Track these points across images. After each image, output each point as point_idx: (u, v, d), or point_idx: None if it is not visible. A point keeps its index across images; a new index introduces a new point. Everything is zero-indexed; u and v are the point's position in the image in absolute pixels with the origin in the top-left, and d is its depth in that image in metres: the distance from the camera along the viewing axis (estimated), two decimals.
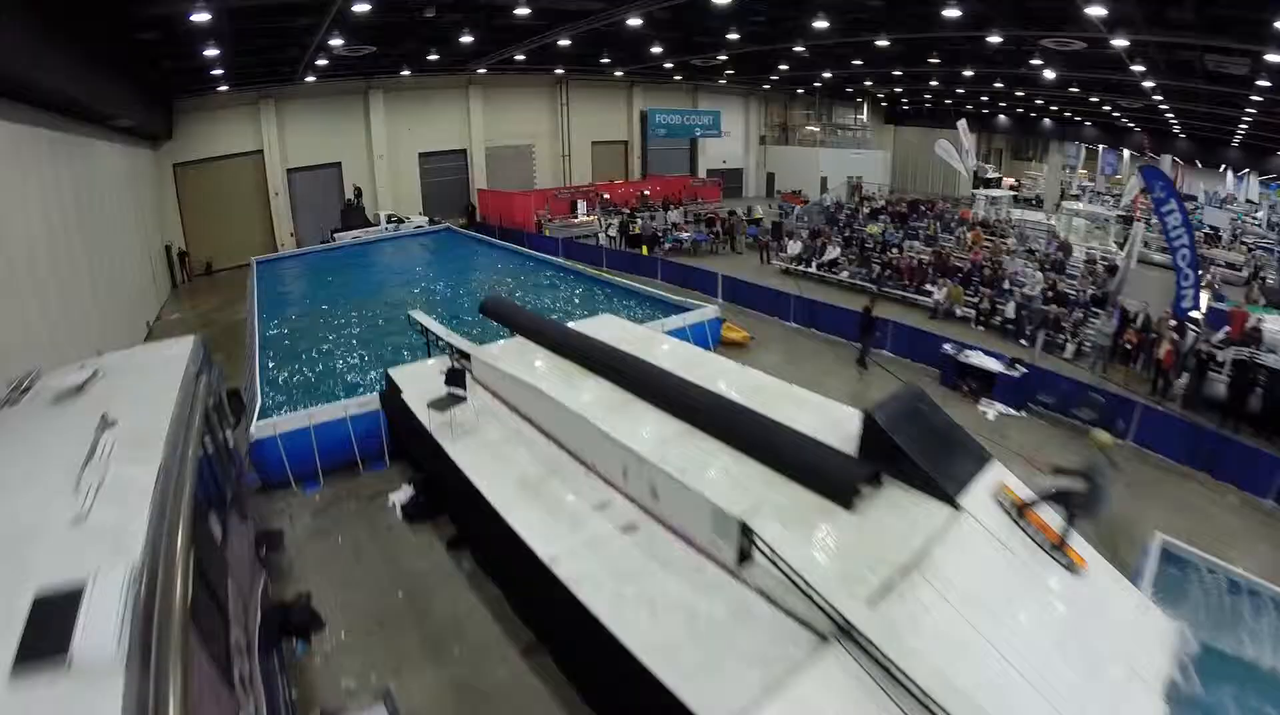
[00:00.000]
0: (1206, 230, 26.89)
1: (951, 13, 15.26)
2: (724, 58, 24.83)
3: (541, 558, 5.39)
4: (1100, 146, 45.84)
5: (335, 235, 24.40)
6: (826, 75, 30.21)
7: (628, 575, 5.20)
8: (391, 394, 8.77)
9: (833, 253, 19.05)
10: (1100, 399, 10.39)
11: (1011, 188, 51.05)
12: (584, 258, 20.89)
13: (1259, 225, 32.65)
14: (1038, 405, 11.09)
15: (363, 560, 7.56)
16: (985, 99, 36.80)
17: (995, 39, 17.39)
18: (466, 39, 18.92)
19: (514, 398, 7.72)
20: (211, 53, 14.69)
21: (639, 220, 23.23)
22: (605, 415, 6.57)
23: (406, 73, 24.36)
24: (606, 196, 27.61)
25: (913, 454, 5.15)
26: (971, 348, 12.01)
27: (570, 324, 10.31)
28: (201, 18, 11.50)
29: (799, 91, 39.44)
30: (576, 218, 25.41)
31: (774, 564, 4.55)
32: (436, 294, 17.23)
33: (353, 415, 8.91)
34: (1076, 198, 46.37)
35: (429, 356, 10.64)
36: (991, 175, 51.15)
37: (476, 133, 29.04)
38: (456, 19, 17.90)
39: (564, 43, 20.31)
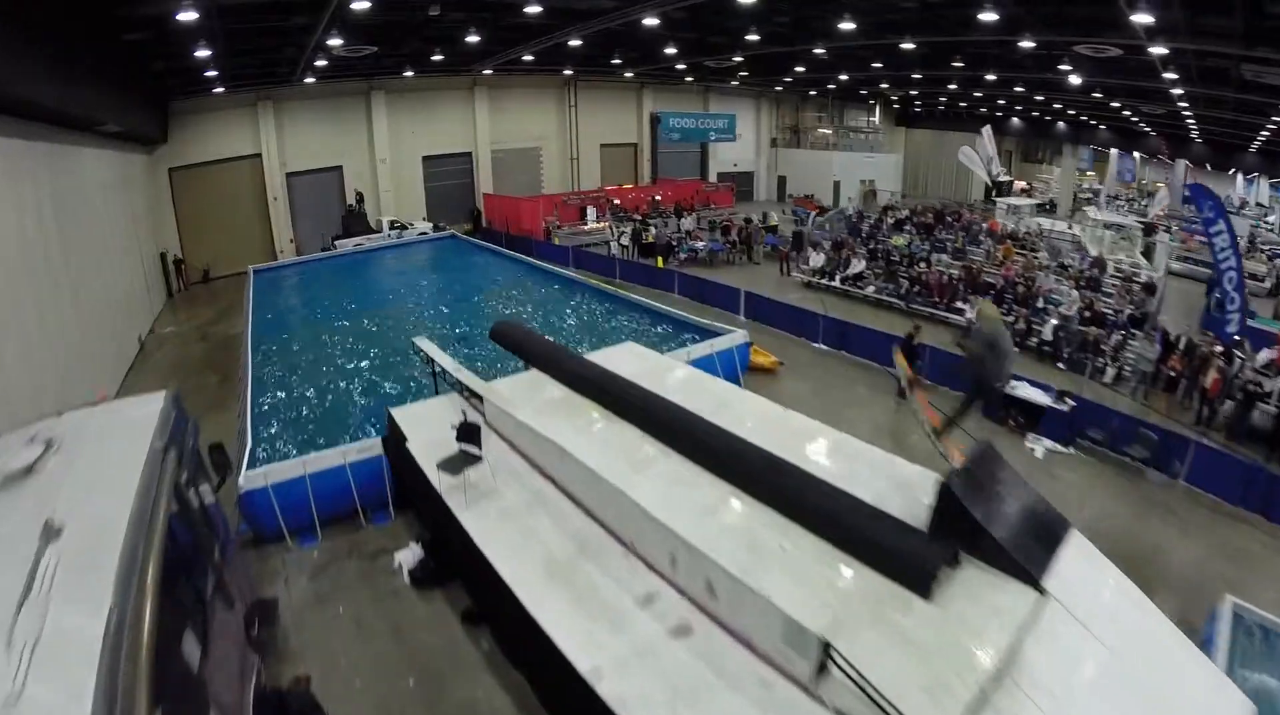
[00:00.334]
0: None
1: (989, 17, 14.43)
2: (739, 59, 23.91)
3: (581, 671, 4.52)
4: (1112, 150, 44.91)
5: (336, 243, 23.51)
6: (843, 77, 29.28)
7: (686, 695, 4.34)
8: (394, 439, 7.90)
9: (858, 266, 18.14)
10: (1153, 436, 9.71)
11: (1023, 191, 50.23)
12: (595, 268, 20.00)
13: (1272, 231, 31.85)
14: (1086, 440, 10.34)
15: (367, 636, 6.69)
16: (1002, 102, 35.90)
17: (1028, 44, 16.61)
18: (473, 39, 18.03)
19: (535, 453, 6.84)
20: (203, 53, 13.80)
21: (652, 228, 22.33)
22: (642, 478, 5.72)
23: (410, 73, 23.47)
24: (617, 202, 26.70)
25: (995, 532, 4.43)
26: (1018, 378, 11.14)
27: (590, 355, 9.43)
28: (189, 16, 10.61)
29: (811, 93, 38.54)
30: (586, 225, 24.51)
31: (855, 682, 3.80)
32: (442, 310, 16.32)
33: (352, 462, 8.03)
34: (1089, 201, 45.61)
35: (435, 388, 9.82)
36: (1003, 179, 50.33)
37: (482, 135, 28.13)
38: (462, 18, 17.03)
39: (575, 43, 19.42)
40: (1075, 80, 20.64)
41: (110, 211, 16.43)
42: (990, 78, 24.15)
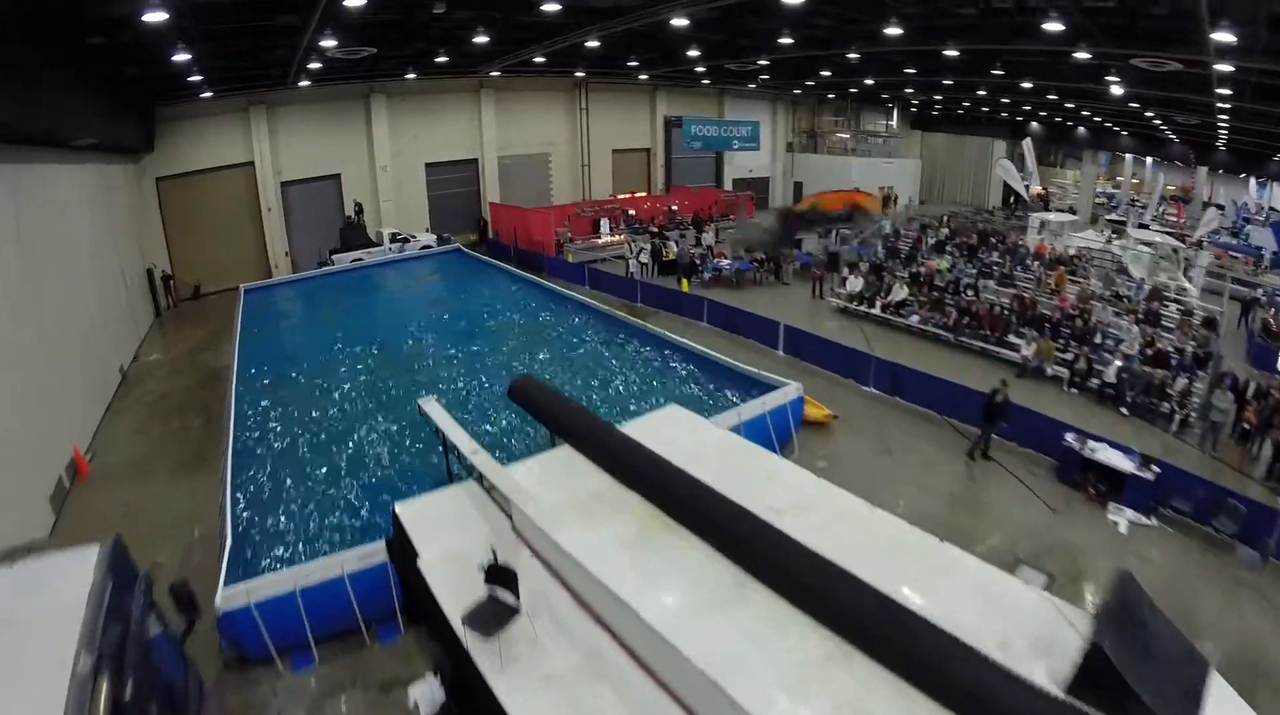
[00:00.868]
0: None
1: (1053, 26, 13.12)
2: (764, 62, 22.43)
3: None
4: (1148, 160, 43.61)
5: (333, 257, 22.03)
6: (869, 82, 27.81)
7: None
8: (402, 544, 6.50)
9: (900, 293, 16.71)
10: (1240, 507, 8.58)
11: (1040, 196, 48.73)
12: (612, 289, 18.56)
13: None
14: (1167, 508, 9.16)
15: None
16: (1027, 107, 34.56)
17: (1083, 55, 15.41)
18: (480, 39, 16.50)
19: (586, 592, 5.43)
20: (182, 57, 12.33)
21: (672, 245, 20.88)
22: (719, 627, 4.54)
23: (412, 75, 21.95)
24: (631, 212, 25.23)
25: (1147, 696, 3.63)
26: (1098, 439, 9.87)
27: (629, 426, 8.06)
28: (158, 17, 9.15)
29: (829, 96, 37.03)
30: (600, 239, 23.04)
31: None
32: (448, 348, 14.64)
33: (352, 572, 6.62)
34: (1104, 204, 44.16)
35: (447, 466, 8.43)
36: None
37: (489, 140, 26.62)
38: (470, 17, 15.54)
39: (592, 44, 17.91)
40: (1117, 91, 19.62)
41: (86, 230, 14.96)
42: (1026, 85, 23.00)
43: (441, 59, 19.09)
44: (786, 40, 17.75)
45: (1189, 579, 8.07)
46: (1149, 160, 46.33)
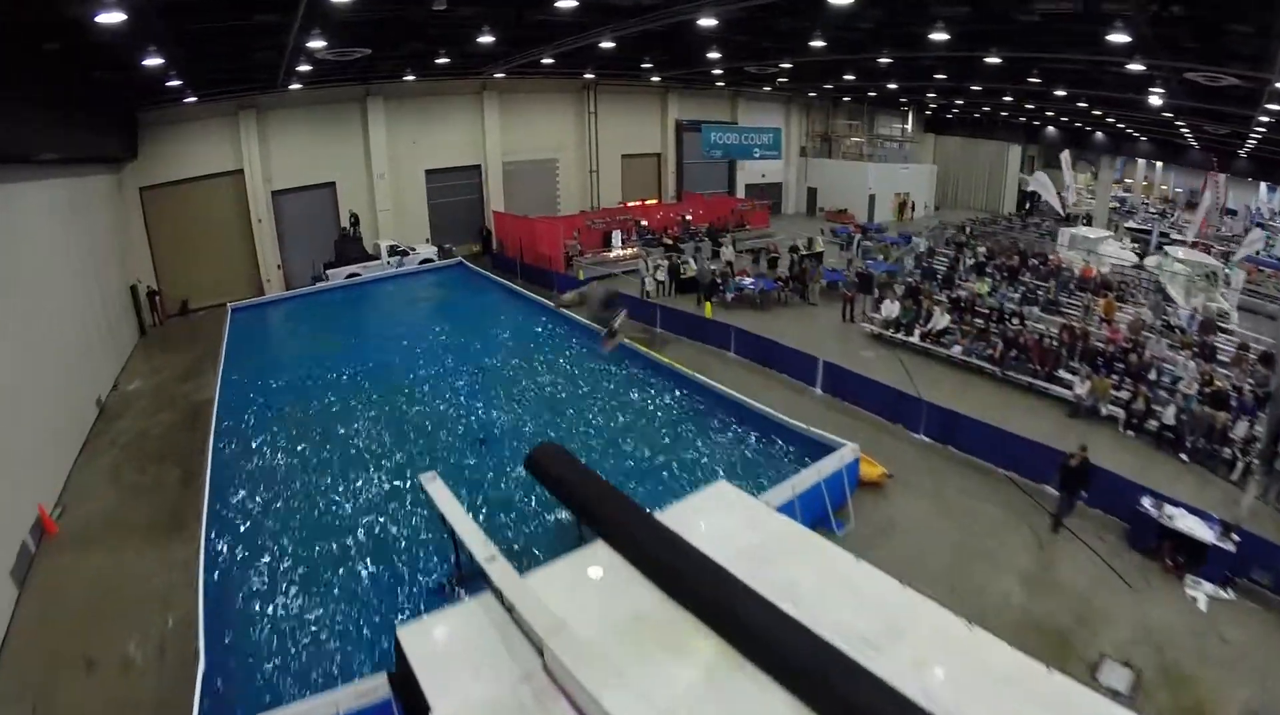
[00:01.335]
0: None
1: (1119, 38, 11.90)
2: (787, 65, 21.08)
3: None
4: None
5: (327, 272, 20.68)
6: (891, 86, 26.45)
7: None
8: (407, 681, 5.19)
9: (942, 321, 15.37)
10: None
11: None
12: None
13: None
14: (1245, 579, 8.16)
15: None
16: (1050, 113, 33.33)
17: (1137, 67, 14.25)
18: (485, 38, 15.10)
19: None
20: (154, 60, 10.94)
21: (690, 262, 19.55)
22: None
23: (411, 77, 20.57)
24: (644, 223, 23.86)
25: None
26: (1175, 504, 8.71)
27: (671, 512, 6.80)
28: (114, 18, 7.81)
29: (845, 99, 35.67)
30: (611, 253, 21.67)
31: None
32: (451, 391, 13.13)
33: (349, 712, 5.32)
34: (1119, 208, 42.82)
35: (456, 560, 7.14)
36: (1032, 188, 47.50)
37: (492, 145, 25.24)
38: (473, 14, 14.18)
39: (606, 45, 16.53)
40: (1156, 101, 18.51)
41: (60, 250, 13.63)
42: (1060, 93, 21.77)
43: (442, 60, 17.74)
44: (818, 43, 16.38)
45: (1274, 661, 7.17)
46: (1158, 164, 45.14)
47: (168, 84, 14.15)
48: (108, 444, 12.50)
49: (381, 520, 9.00)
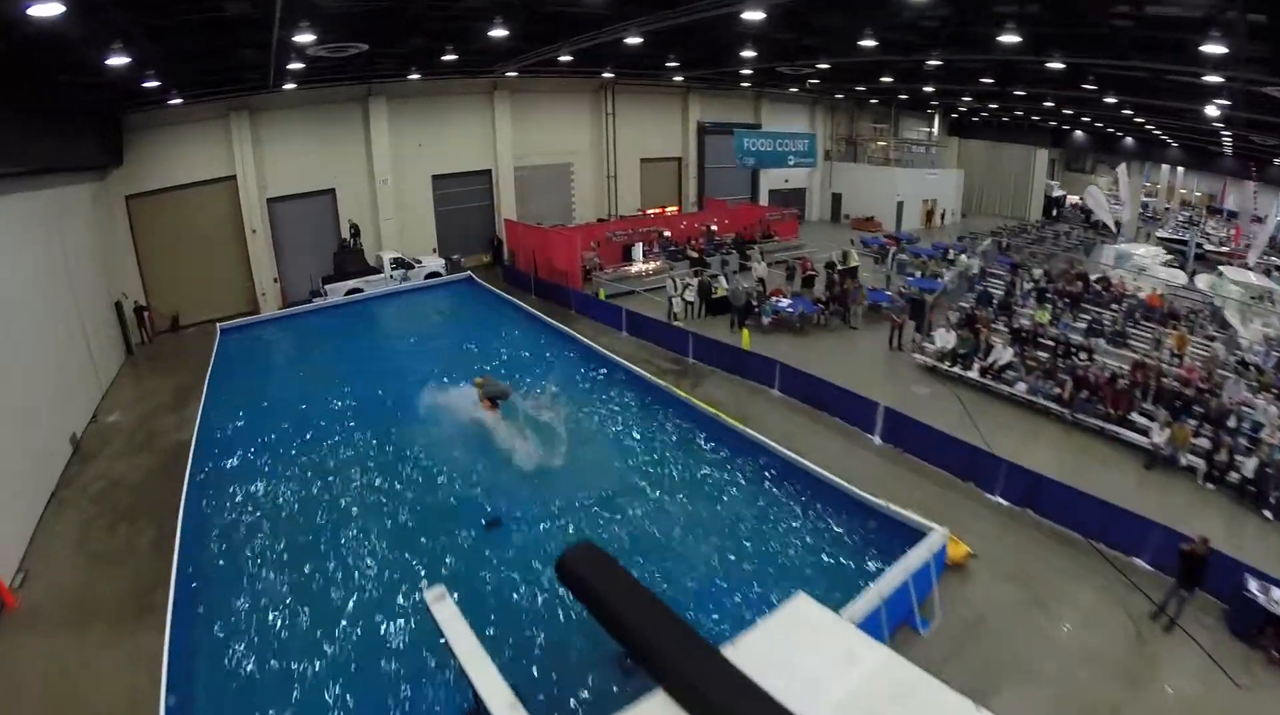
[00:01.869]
0: None
1: (1214, 49, 10.37)
2: (825, 65, 19.39)
3: None
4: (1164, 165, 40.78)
5: (325, 288, 19.13)
6: (928, 89, 24.67)
7: None
8: None
9: (1004, 355, 13.73)
10: None
11: (1078, 207, 45.54)
12: (658, 339, 15.50)
13: None
14: None
15: None
16: (1085, 118, 31.71)
17: (1214, 78, 13.11)
18: (498, 32, 13.50)
19: None
20: (118, 59, 9.37)
21: (722, 279, 17.90)
22: None
23: (415, 75, 18.97)
24: (667, 234, 22.21)
25: None
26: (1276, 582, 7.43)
27: (742, 645, 5.26)
28: (50, 10, 6.25)
29: (872, 101, 33.93)
30: (633, 267, 20.03)
31: None
32: (446, 450, 11.00)
33: None
34: (1143, 214, 40.84)
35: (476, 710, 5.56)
36: (1058, 193, 45.71)
37: (504, 149, 23.62)
38: (485, 6, 12.61)
39: (632, 40, 14.86)
40: (1213, 112, 17.26)
41: (27, 272, 12.10)
42: (1110, 99, 20.26)
43: (449, 56, 16.05)
44: (869, 43, 14.71)
45: None
46: (1179, 169, 43.36)
47: (144, 85, 12.63)
48: (79, 493, 11.07)
49: (377, 621, 7.42)
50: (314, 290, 19.49)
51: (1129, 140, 35.92)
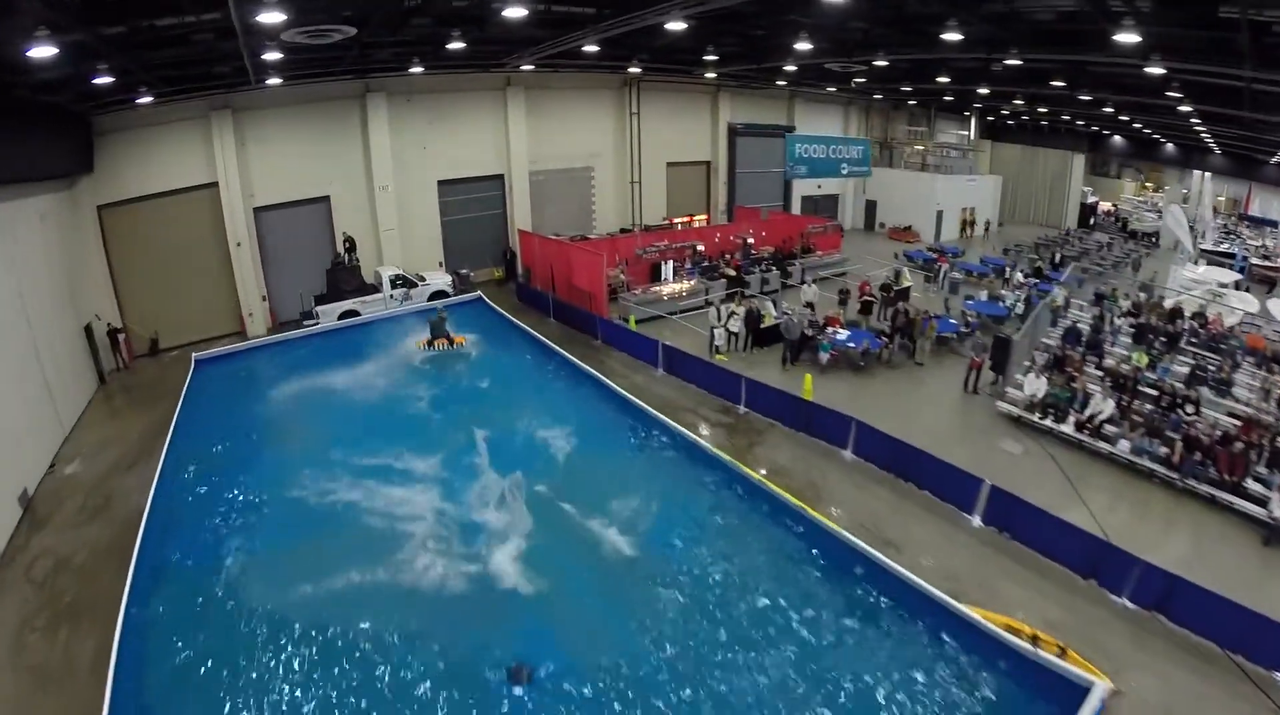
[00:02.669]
0: None
1: None
2: (883, 63, 17.09)
3: None
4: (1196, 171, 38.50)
5: (317, 310, 16.95)
6: (982, 90, 22.29)
7: None
8: None
9: (1105, 407, 11.56)
10: None
11: (1110, 213, 43.17)
12: (702, 381, 13.16)
13: None
14: None
15: None
16: (1132, 121, 29.46)
17: None
18: (514, 11, 11.21)
19: None
20: (44, 50, 7.22)
21: (770, 305, 15.65)
22: None
23: (419, 69, 16.72)
24: (701, 248, 19.93)
25: None
26: None
27: None
28: None
29: (911, 103, 31.60)
30: (663, 289, 17.75)
31: None
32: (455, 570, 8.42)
33: None
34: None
35: None
36: (1091, 200, 43.38)
37: (518, 151, 21.38)
38: None
39: (675, 26, 12.55)
40: None
41: None
42: (1185, 108, 18.49)
43: (456, 44, 13.73)
44: (953, 35, 12.46)
45: None
46: (1207, 174, 41.11)
47: (93, 81, 10.46)
48: (21, 574, 9.09)
49: None
50: (305, 312, 17.31)
51: (1169, 146, 34.05)
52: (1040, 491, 9.53)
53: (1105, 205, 44.57)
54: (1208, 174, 25.29)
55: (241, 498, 10.12)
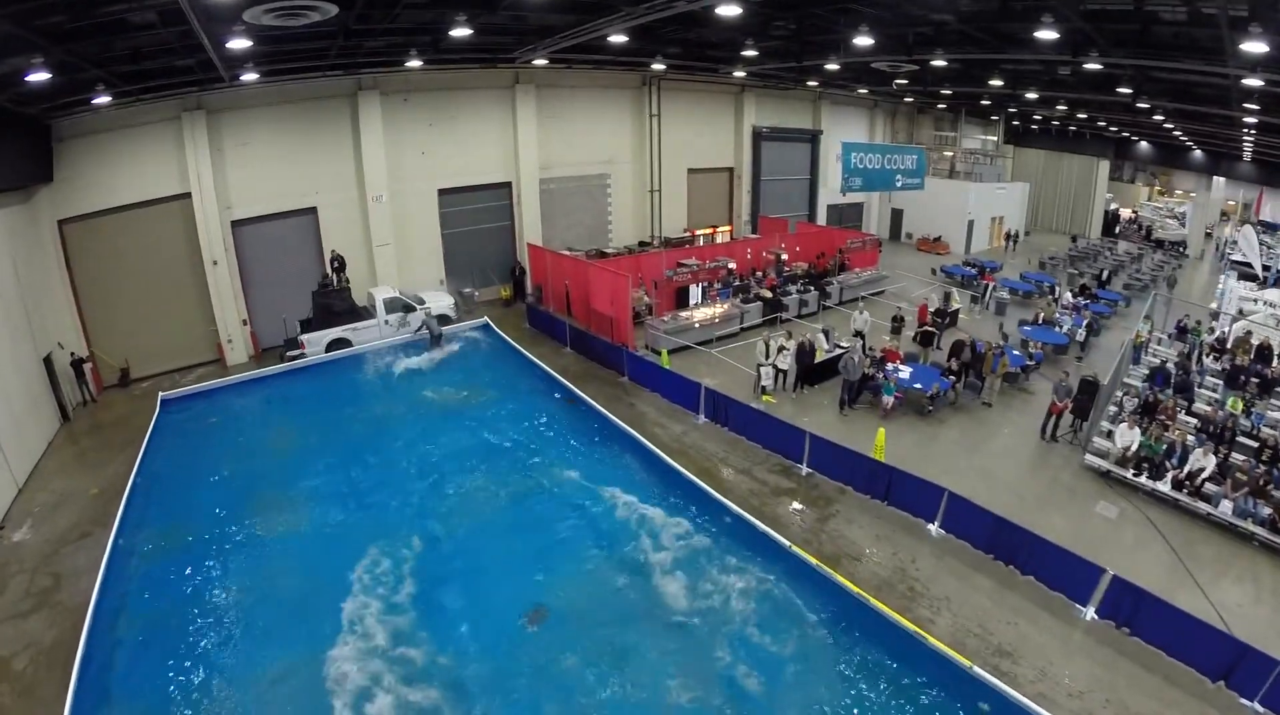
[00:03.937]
0: None
1: None
2: (943, 62, 15.28)
3: None
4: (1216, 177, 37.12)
5: (303, 338, 14.97)
6: (1031, 95, 20.49)
7: None
8: None
9: (1206, 463, 9.93)
10: None
11: (1132, 220, 41.66)
12: (754, 434, 11.08)
13: None
14: None
15: None
16: (1171, 126, 27.89)
17: None
18: None
19: None
20: None
21: (821, 337, 13.82)
22: None
23: (416, 63, 14.75)
24: (732, 266, 18.04)
25: None
26: None
27: None
28: None
29: (940, 107, 29.84)
30: (694, 316, 15.83)
31: None
32: None
33: None
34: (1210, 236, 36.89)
35: None
36: (1113, 207, 41.86)
37: (527, 156, 19.45)
38: None
39: (727, 11, 10.58)
40: None
41: None
42: (1251, 119, 17.09)
43: (461, 31, 11.72)
44: (1049, 34, 10.66)
45: None
46: (1216, 178, 39.73)
47: (27, 78, 8.52)
48: None
49: None
50: (289, 340, 15.33)
51: (1198, 153, 32.61)
52: (1148, 570, 8.32)
53: (1125, 212, 43.12)
54: (1221, 179, 23.64)
55: (208, 595, 8.20)
